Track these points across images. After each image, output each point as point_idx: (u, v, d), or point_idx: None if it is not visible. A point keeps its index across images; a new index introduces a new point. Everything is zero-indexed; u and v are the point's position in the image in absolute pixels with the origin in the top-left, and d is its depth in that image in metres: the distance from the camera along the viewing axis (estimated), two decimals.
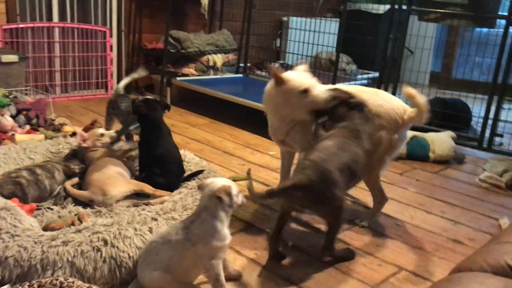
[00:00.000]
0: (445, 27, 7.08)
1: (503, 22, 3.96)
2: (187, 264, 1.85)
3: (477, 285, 1.02)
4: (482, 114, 4.25)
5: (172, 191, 2.55)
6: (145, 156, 2.72)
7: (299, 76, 2.38)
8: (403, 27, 4.49)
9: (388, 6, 6.21)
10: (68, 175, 2.71)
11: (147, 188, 2.64)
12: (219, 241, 1.83)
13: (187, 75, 5.44)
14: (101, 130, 2.88)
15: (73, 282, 1.77)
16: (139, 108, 2.78)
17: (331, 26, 5.86)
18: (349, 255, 2.29)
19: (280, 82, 2.35)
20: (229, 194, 1.85)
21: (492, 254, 1.19)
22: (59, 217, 2.31)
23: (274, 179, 3.20)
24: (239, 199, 1.89)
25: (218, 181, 1.90)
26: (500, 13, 4.07)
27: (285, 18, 6.84)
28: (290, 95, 2.33)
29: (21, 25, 4.58)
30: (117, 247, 1.95)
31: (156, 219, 2.15)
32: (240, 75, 5.84)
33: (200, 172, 2.76)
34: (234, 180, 2.11)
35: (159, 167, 2.65)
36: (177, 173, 2.73)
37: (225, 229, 1.86)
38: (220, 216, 1.85)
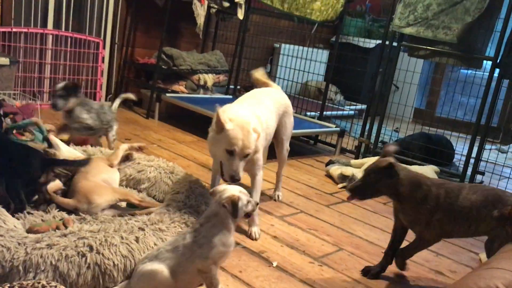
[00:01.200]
0: (432, 65, 7.28)
1: (489, 63, 4.09)
2: (193, 270, 1.87)
3: None
4: (464, 152, 4.35)
5: None
6: None
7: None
8: (392, 63, 4.60)
9: (378, 41, 6.38)
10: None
11: (133, 198, 2.63)
12: (225, 247, 1.89)
13: (177, 92, 5.46)
14: None
15: (55, 286, 1.73)
16: None
17: (322, 56, 5.98)
18: None
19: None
20: (235, 204, 1.89)
21: (482, 278, 1.22)
22: (43, 221, 2.27)
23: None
24: (248, 208, 1.96)
25: (229, 190, 1.95)
26: (486, 55, 4.21)
27: (277, 45, 6.96)
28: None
29: (14, 29, 4.56)
30: (103, 254, 1.92)
31: (143, 229, 2.13)
32: (230, 96, 5.88)
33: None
34: None
35: None
36: None
37: (231, 237, 1.92)
38: (229, 224, 1.92)
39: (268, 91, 3.08)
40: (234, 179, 2.38)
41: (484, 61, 4.36)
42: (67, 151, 2.87)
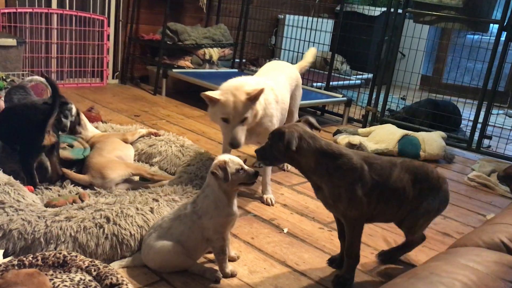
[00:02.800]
0: (438, 31, 7.21)
1: (495, 27, 4.06)
2: (195, 237, 1.92)
3: (473, 256, 1.09)
4: (471, 117, 4.36)
5: None
6: None
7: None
8: (397, 30, 4.58)
9: (383, 9, 6.31)
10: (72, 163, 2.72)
11: (145, 172, 2.69)
12: (222, 216, 1.91)
13: (183, 67, 5.48)
14: None
15: (76, 256, 1.82)
16: None
17: (327, 26, 5.94)
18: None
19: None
20: (223, 168, 1.86)
21: (486, 232, 1.27)
22: (60, 195, 2.35)
23: None
24: (240, 175, 1.89)
25: (218, 157, 1.94)
26: (493, 18, 4.18)
27: (281, 16, 6.91)
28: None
29: (19, 10, 4.58)
30: (119, 225, 1.99)
31: (157, 200, 2.20)
32: (235, 70, 5.89)
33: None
34: None
35: None
36: None
37: (230, 206, 1.92)
38: (218, 192, 1.90)
39: (279, 67, 3.10)
40: (233, 145, 2.40)
41: (491, 25, 4.33)
42: (91, 132, 2.95)
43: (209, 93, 2.40)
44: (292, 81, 3.04)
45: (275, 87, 2.70)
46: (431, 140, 3.97)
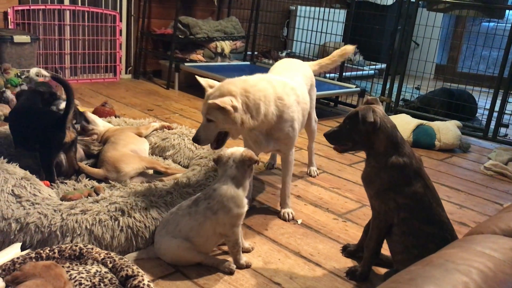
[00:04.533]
0: (452, 19, 7.10)
1: None
2: (206, 233, 1.92)
3: (490, 243, 1.07)
4: (487, 106, 4.30)
5: None
6: None
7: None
8: (411, 19, 4.52)
9: None
10: (87, 154, 2.75)
11: (159, 166, 2.71)
12: (240, 208, 1.91)
13: (195, 61, 5.48)
14: None
15: (92, 249, 1.84)
16: None
17: (339, 16, 5.89)
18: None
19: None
20: (253, 157, 1.94)
21: (503, 219, 1.25)
22: (75, 189, 2.37)
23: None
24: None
25: (237, 151, 1.96)
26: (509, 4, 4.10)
27: (293, 7, 6.87)
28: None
29: (32, 7, 4.62)
30: (134, 217, 2.01)
31: (171, 193, 2.21)
32: (247, 62, 5.88)
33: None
34: None
35: None
36: None
37: (244, 197, 1.94)
38: (245, 183, 1.94)
39: (294, 65, 2.80)
40: (193, 140, 2.22)
41: (507, 11, 4.25)
42: (103, 126, 2.98)
43: (209, 81, 2.30)
44: (308, 81, 2.76)
45: (296, 86, 2.41)
46: (446, 130, 3.92)
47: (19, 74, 3.90)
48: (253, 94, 2.16)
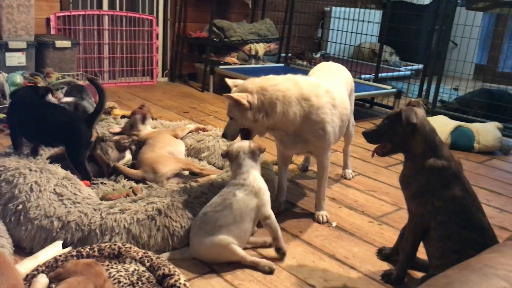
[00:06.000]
0: (492, 18, 6.90)
1: None
2: (247, 223, 1.99)
3: None
4: None
5: None
6: None
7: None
8: (449, 18, 4.42)
9: None
10: (120, 150, 2.82)
11: (195, 167, 2.75)
12: (268, 190, 2.08)
13: (229, 63, 5.53)
14: None
15: (130, 248, 1.89)
16: None
17: (375, 16, 5.82)
18: None
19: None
20: (264, 149, 2.14)
21: None
22: (114, 190, 2.44)
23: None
24: None
25: (245, 144, 2.12)
26: None
27: (327, 8, 6.84)
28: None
29: (73, 13, 4.77)
30: (170, 217, 2.05)
31: (206, 194, 2.24)
32: (281, 64, 5.89)
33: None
34: None
35: None
36: None
37: None
38: (259, 168, 2.13)
39: (334, 69, 2.77)
40: (222, 135, 2.32)
41: None
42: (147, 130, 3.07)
43: (235, 81, 2.34)
44: (348, 86, 2.70)
45: (332, 89, 2.35)
46: (486, 131, 3.82)
47: (60, 78, 4.03)
48: (270, 92, 2.16)
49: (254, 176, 2.04)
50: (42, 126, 2.50)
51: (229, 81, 2.36)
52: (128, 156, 2.84)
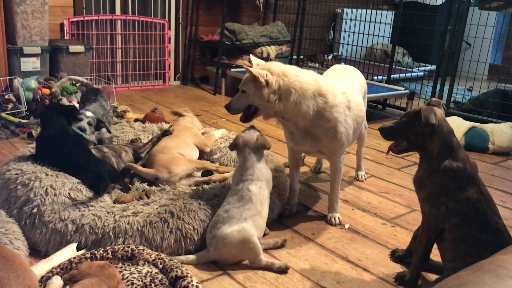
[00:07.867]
0: (506, 17, 6.82)
1: None
2: (266, 206, 2.14)
3: None
4: None
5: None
6: None
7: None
8: (462, 18, 4.38)
9: None
10: (136, 158, 2.84)
11: (209, 165, 2.78)
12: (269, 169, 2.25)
13: (241, 66, 5.54)
14: None
15: (143, 250, 1.90)
16: None
17: (387, 17, 5.79)
18: None
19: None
20: (270, 147, 2.27)
21: None
22: (127, 192, 2.45)
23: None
24: None
25: (252, 136, 2.23)
26: None
27: (339, 10, 6.82)
28: None
29: (86, 18, 4.83)
30: (183, 219, 2.06)
31: (218, 196, 2.25)
32: (293, 66, 5.87)
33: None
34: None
35: None
36: None
37: None
38: (264, 158, 2.25)
39: (347, 72, 2.79)
40: (225, 106, 2.35)
41: None
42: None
43: (258, 60, 2.38)
44: (362, 88, 2.73)
45: (347, 91, 2.37)
46: (501, 132, 3.78)
47: (73, 82, 4.08)
48: (289, 80, 2.20)
49: (259, 169, 2.16)
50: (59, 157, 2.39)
51: (253, 58, 2.39)
52: None
